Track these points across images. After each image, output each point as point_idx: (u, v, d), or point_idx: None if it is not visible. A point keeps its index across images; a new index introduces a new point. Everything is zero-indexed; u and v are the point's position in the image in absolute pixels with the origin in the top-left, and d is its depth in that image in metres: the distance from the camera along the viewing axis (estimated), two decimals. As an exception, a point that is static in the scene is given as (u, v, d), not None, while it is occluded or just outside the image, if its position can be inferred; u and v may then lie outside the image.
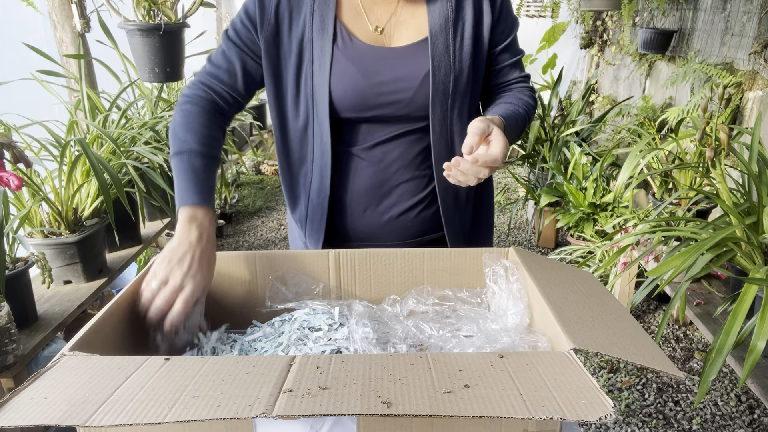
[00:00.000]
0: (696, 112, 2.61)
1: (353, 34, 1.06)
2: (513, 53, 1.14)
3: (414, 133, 1.10)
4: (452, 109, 1.08)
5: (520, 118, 1.07)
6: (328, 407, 0.55)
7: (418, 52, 1.06)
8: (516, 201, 3.55)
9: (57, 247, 1.64)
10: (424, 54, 1.06)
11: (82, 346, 0.70)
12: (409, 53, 1.06)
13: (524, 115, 1.09)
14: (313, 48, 1.05)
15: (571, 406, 0.56)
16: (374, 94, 1.05)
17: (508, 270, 0.94)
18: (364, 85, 1.05)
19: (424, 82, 1.05)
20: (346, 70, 1.05)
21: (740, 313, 1.31)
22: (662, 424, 2.07)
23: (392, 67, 1.05)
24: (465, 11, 1.07)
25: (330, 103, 1.05)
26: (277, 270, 0.98)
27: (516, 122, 1.05)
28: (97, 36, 2.13)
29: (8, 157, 1.21)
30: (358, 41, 1.06)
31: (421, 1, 1.07)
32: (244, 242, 3.71)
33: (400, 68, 1.05)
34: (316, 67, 1.06)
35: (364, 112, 1.07)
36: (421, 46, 1.06)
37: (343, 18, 1.07)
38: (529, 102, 1.13)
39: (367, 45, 1.06)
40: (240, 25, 1.08)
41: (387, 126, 1.09)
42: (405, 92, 1.05)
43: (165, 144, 2.05)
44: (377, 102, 1.06)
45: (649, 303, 2.85)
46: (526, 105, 1.11)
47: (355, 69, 1.05)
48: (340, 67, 1.05)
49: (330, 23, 1.05)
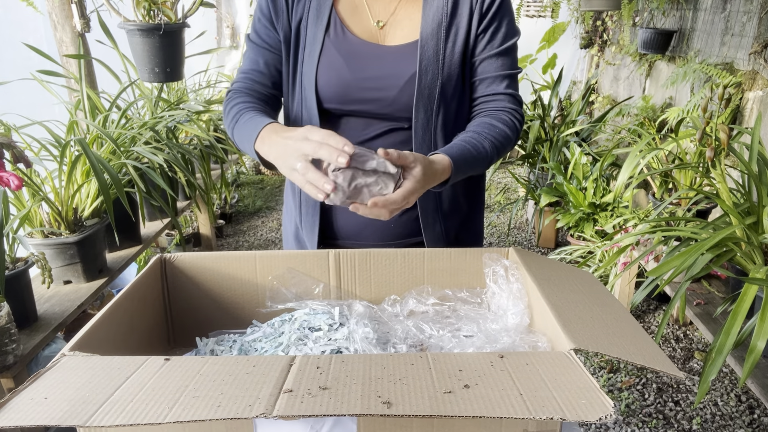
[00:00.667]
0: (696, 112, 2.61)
1: (348, 26, 1.07)
2: (501, 66, 1.08)
3: (397, 134, 1.09)
4: (437, 114, 1.07)
5: (482, 155, 1.00)
6: (328, 407, 0.55)
7: (407, 53, 1.06)
8: (516, 201, 3.55)
9: (57, 247, 1.64)
10: (413, 56, 1.05)
11: (82, 346, 0.70)
12: (398, 53, 1.06)
13: (488, 151, 1.01)
14: (307, 34, 1.07)
15: (571, 406, 0.56)
16: (358, 88, 1.05)
17: (508, 270, 0.94)
18: (350, 77, 1.05)
19: (409, 84, 1.05)
20: (333, 60, 1.05)
21: (740, 313, 1.31)
22: (662, 424, 2.07)
23: (380, 64, 1.06)
24: (460, 17, 1.06)
25: (316, 91, 1.06)
26: (277, 270, 0.98)
27: (474, 160, 0.99)
28: (97, 36, 2.13)
29: (8, 157, 1.21)
30: (350, 35, 1.07)
31: (418, 3, 1.07)
32: (244, 242, 3.71)
33: (388, 67, 1.05)
34: (307, 53, 1.07)
35: (347, 105, 1.07)
36: (412, 47, 1.06)
37: (340, 8, 1.08)
38: (504, 131, 1.05)
39: (359, 40, 1.07)
40: (259, 25, 1.11)
41: (371, 123, 1.09)
42: (389, 90, 1.05)
43: (165, 144, 2.05)
44: (360, 96, 1.06)
45: (649, 303, 2.85)
46: (497, 135, 1.03)
47: (342, 60, 1.05)
48: (328, 56, 1.06)
49: (326, 12, 1.07)
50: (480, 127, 1.05)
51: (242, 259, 0.98)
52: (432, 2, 1.06)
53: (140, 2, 1.95)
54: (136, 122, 2.13)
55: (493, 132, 1.04)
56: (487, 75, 1.08)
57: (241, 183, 4.74)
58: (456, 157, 0.95)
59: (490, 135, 1.03)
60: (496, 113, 1.08)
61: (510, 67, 1.09)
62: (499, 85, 1.08)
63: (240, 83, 1.12)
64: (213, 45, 4.48)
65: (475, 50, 1.08)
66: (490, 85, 1.09)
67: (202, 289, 0.99)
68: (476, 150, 1.00)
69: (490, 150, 1.02)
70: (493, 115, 1.08)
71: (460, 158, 0.96)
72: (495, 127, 1.05)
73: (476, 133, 1.03)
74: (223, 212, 3.94)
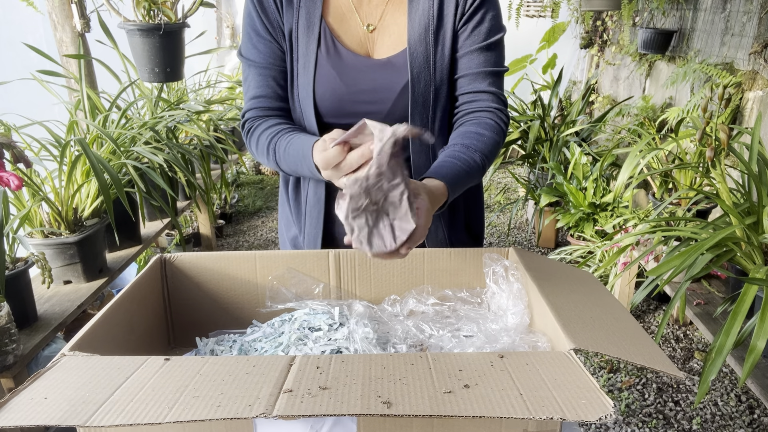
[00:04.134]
0: (696, 112, 2.61)
1: (338, 37, 1.05)
2: (484, 62, 1.04)
3: None
4: (433, 121, 1.06)
5: (473, 170, 0.97)
6: (328, 407, 0.55)
7: (398, 64, 1.04)
8: (516, 201, 3.55)
9: (57, 247, 1.64)
10: (403, 66, 1.03)
11: (82, 346, 0.70)
12: (389, 65, 1.04)
13: (478, 164, 0.98)
14: (299, 45, 1.05)
15: (571, 406, 0.56)
16: (352, 101, 1.04)
17: (508, 270, 0.94)
18: (344, 91, 1.04)
19: (403, 94, 1.03)
20: (327, 75, 1.04)
21: (740, 313, 1.31)
22: (662, 424, 2.07)
23: (372, 77, 1.04)
24: (447, 18, 1.03)
25: (314, 106, 1.05)
26: (277, 270, 0.98)
27: (467, 177, 0.96)
28: (97, 36, 2.13)
29: (8, 157, 1.21)
30: (342, 47, 1.05)
31: (404, 8, 1.04)
32: (244, 242, 3.71)
33: (380, 79, 1.04)
34: (301, 66, 1.05)
35: (342, 119, 1.05)
36: (401, 57, 1.04)
37: (329, 18, 1.06)
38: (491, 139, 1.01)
39: (350, 53, 1.05)
40: (256, 41, 1.06)
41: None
42: (383, 103, 1.04)
43: (165, 144, 2.05)
44: (354, 110, 1.04)
45: (649, 303, 2.85)
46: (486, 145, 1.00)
47: (336, 74, 1.04)
48: (322, 71, 1.04)
49: (316, 23, 1.04)
50: (467, 138, 1.01)
51: (242, 259, 0.98)
52: (417, 6, 1.03)
53: (140, 2, 1.96)
54: (136, 122, 2.13)
55: (480, 142, 1.00)
56: (469, 71, 1.04)
57: (241, 183, 4.74)
58: (450, 180, 0.92)
59: (479, 147, 0.99)
60: (481, 117, 1.04)
61: (494, 63, 1.04)
62: (482, 83, 1.04)
63: (253, 111, 1.07)
64: (213, 45, 4.49)
65: (456, 44, 1.04)
66: (472, 81, 1.04)
67: (202, 289, 0.99)
68: (468, 166, 0.96)
69: (481, 162, 0.99)
70: (478, 121, 1.04)
71: (453, 179, 0.92)
72: (482, 136, 1.01)
73: (464, 146, 0.99)
74: (223, 212, 3.94)
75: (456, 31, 1.04)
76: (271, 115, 1.07)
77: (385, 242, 0.74)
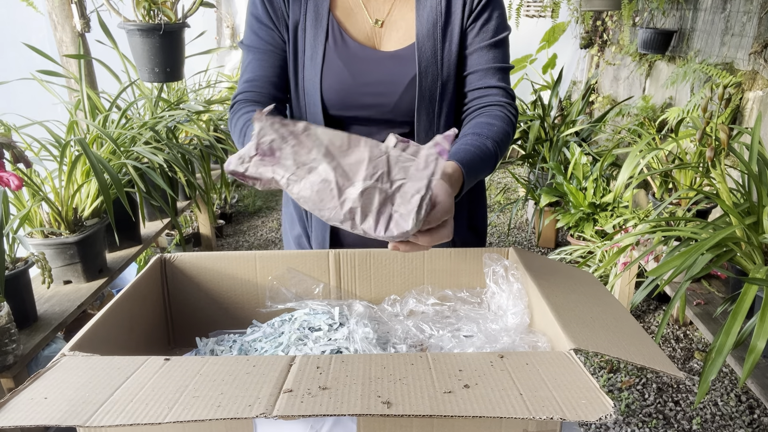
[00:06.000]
0: (696, 112, 2.61)
1: (346, 30, 1.06)
2: (493, 59, 1.06)
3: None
4: (439, 117, 1.07)
5: (487, 156, 0.95)
6: (328, 407, 0.55)
7: (405, 57, 1.05)
8: (516, 201, 3.55)
9: (57, 247, 1.64)
10: (411, 59, 1.04)
11: (82, 346, 0.70)
12: (397, 58, 1.05)
13: (491, 150, 0.97)
14: (305, 37, 1.05)
15: (571, 406, 0.56)
16: (358, 93, 1.04)
17: (508, 270, 0.94)
18: (351, 82, 1.04)
19: (410, 88, 1.04)
20: (335, 66, 1.05)
21: (740, 313, 1.31)
22: (662, 424, 2.07)
23: (380, 69, 1.05)
24: (455, 15, 1.04)
25: (321, 98, 1.05)
26: (277, 270, 0.98)
27: (481, 162, 0.93)
28: (97, 36, 2.13)
29: (8, 157, 1.21)
30: (350, 40, 1.06)
31: (412, 3, 1.06)
32: (244, 242, 3.71)
33: (388, 71, 1.04)
34: (308, 58, 1.06)
35: (348, 111, 1.06)
36: (409, 50, 1.05)
37: (337, 12, 1.07)
38: (503, 128, 1.01)
39: (358, 44, 1.06)
40: (257, 28, 1.06)
41: (374, 129, 1.08)
42: (389, 96, 1.04)
43: (165, 144, 2.05)
44: (361, 102, 1.05)
45: (649, 303, 2.85)
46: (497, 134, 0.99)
47: (343, 65, 1.04)
48: (330, 63, 1.05)
49: (324, 16, 1.05)
50: (479, 127, 1.01)
51: (242, 259, 0.98)
52: (425, 2, 1.05)
53: (140, 2, 1.95)
54: (136, 122, 2.13)
55: (492, 131, 1.00)
56: (479, 67, 1.06)
57: (241, 183, 4.74)
58: (465, 164, 0.88)
59: (489, 134, 0.99)
60: (491, 110, 1.05)
61: (502, 60, 1.07)
62: (491, 78, 1.06)
63: (244, 93, 1.07)
64: (213, 45, 4.48)
65: (465, 41, 1.06)
66: (482, 77, 1.06)
67: (202, 289, 0.99)
68: (481, 151, 0.95)
69: (494, 149, 0.98)
70: (488, 113, 1.05)
71: (469, 163, 0.90)
72: (493, 125, 1.01)
73: (475, 134, 0.99)
74: (223, 212, 3.94)
75: (464, 28, 1.05)
76: (260, 101, 1.06)
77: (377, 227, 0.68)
